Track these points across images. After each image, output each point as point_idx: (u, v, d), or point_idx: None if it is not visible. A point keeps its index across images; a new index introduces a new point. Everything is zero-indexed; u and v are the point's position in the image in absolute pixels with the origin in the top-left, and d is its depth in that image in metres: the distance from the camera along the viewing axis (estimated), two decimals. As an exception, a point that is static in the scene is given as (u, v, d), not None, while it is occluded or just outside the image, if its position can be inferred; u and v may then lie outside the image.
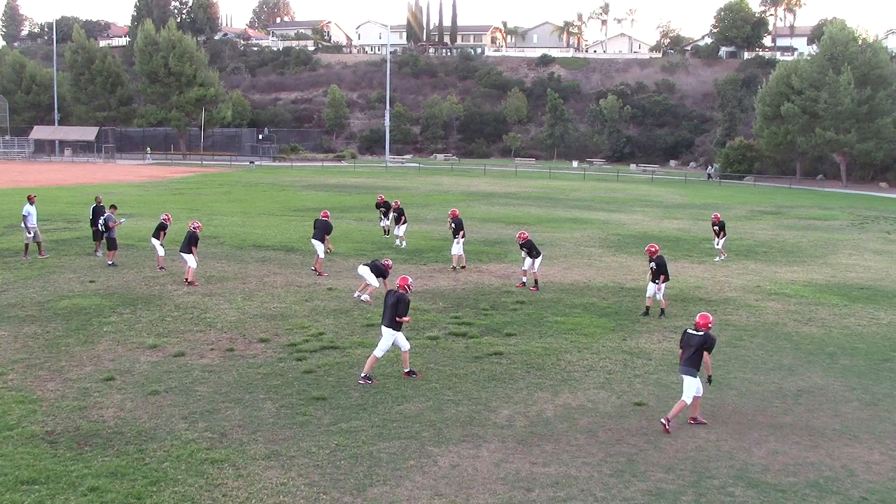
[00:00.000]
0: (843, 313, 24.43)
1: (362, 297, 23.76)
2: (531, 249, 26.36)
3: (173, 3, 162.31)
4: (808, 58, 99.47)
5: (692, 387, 14.32)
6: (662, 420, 14.36)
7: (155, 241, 27.68)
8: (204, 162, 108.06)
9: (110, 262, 28.45)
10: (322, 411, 14.75)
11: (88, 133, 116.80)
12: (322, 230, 27.67)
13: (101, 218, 29.37)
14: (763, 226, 48.97)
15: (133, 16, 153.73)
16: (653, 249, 23.48)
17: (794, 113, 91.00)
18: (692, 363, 14.37)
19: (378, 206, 37.53)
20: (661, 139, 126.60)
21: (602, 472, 12.58)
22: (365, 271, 23.48)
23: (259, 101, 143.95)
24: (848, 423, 15.09)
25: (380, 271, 23.23)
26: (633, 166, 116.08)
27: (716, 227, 34.49)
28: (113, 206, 30.12)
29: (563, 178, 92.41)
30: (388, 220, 36.66)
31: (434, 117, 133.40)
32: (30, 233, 29.67)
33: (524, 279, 26.89)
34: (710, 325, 14.66)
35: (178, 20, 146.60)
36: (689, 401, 14.36)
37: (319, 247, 27.78)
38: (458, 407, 15.20)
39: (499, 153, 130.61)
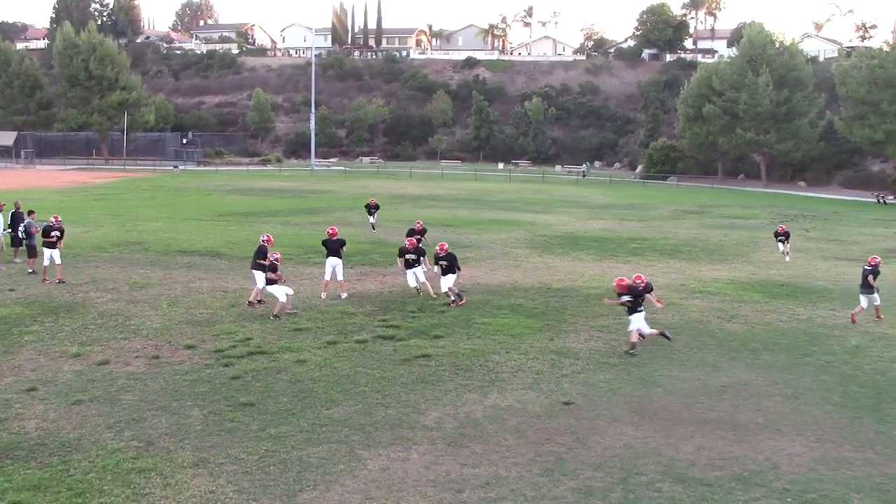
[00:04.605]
0: (765, 310, 24.96)
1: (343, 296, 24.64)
2: (451, 264, 24.17)
3: (93, 4, 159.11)
4: (728, 60, 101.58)
5: (875, 299, 23.28)
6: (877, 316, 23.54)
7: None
8: (127, 167, 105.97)
9: (30, 270, 27.79)
10: (250, 417, 14.62)
11: (6, 138, 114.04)
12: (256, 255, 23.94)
13: (21, 224, 28.74)
14: (687, 225, 49.81)
15: (52, 18, 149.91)
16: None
17: (716, 114, 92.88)
18: (868, 285, 23.12)
19: (368, 207, 43.09)
20: (586, 140, 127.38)
21: (532, 471, 12.68)
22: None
23: (183, 104, 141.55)
24: (771, 416, 15.42)
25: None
26: (558, 167, 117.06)
27: (781, 237, 36.59)
28: (31, 212, 29.49)
29: (489, 181, 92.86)
30: (373, 218, 42.50)
31: (360, 120, 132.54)
32: None
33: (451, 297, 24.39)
34: (878, 263, 23.74)
35: (99, 23, 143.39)
36: (865, 305, 23.28)
37: (259, 276, 23.30)
38: (386, 410, 15.19)
39: (425, 156, 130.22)
